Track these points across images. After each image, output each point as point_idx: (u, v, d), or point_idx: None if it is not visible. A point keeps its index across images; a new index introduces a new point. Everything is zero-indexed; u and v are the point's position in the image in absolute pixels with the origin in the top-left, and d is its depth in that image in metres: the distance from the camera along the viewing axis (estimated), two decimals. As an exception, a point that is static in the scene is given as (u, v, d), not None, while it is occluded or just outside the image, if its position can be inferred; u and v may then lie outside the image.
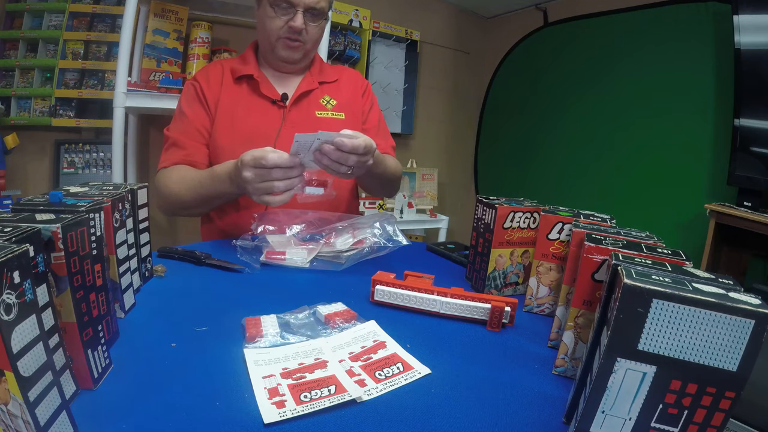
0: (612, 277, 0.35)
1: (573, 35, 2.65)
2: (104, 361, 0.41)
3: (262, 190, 0.73)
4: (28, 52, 1.78)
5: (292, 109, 1.01)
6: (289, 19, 0.93)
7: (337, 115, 1.05)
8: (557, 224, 0.59)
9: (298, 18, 0.92)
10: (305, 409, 0.38)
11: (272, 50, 0.99)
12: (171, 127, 1.00)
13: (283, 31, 0.94)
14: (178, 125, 0.99)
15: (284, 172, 0.72)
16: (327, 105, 1.05)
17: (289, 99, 1.00)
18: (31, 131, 1.76)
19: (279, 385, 0.41)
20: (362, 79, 1.15)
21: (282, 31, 0.94)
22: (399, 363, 0.47)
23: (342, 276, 0.73)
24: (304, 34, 0.96)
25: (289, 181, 0.73)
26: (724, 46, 1.90)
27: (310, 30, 0.97)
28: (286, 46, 0.97)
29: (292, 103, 1.01)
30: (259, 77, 1.00)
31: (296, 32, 0.94)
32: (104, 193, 0.51)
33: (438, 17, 2.94)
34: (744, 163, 1.78)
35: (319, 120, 1.02)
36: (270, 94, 1.00)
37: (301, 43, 0.97)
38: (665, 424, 0.30)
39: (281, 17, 0.93)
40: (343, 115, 1.06)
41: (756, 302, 0.27)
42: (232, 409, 0.38)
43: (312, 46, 1.01)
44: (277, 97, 1.00)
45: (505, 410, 0.41)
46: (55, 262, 0.35)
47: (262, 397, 0.39)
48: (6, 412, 0.28)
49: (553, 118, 2.78)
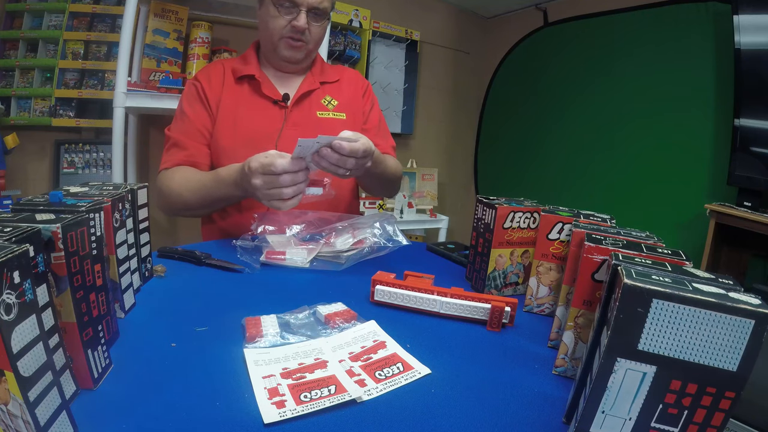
0: (612, 277, 0.35)
1: (573, 35, 2.65)
2: (104, 361, 0.41)
3: (272, 196, 0.73)
4: (28, 52, 1.78)
5: (293, 110, 1.00)
6: (292, 19, 0.93)
7: (338, 115, 1.05)
8: (557, 224, 0.59)
9: (302, 18, 0.92)
10: (305, 409, 0.38)
11: (274, 50, 0.98)
12: (172, 128, 0.99)
13: (286, 30, 0.94)
14: (179, 125, 0.99)
15: (292, 177, 0.71)
16: (328, 105, 1.05)
17: (290, 99, 1.00)
18: (31, 131, 1.76)
19: (279, 385, 0.41)
20: (363, 80, 1.15)
21: (285, 30, 0.94)
22: (399, 363, 0.47)
23: (342, 276, 0.73)
24: (306, 34, 0.95)
25: (297, 186, 0.73)
26: (724, 46, 1.90)
27: (313, 30, 0.96)
28: (288, 45, 0.96)
29: (294, 104, 1.00)
30: (260, 77, 0.99)
31: (299, 32, 0.94)
32: (104, 193, 0.51)
33: (438, 17, 2.94)
34: (744, 163, 1.78)
35: (321, 120, 1.02)
36: (271, 95, 0.99)
37: (304, 43, 0.97)
38: (665, 424, 0.30)
39: (284, 17, 0.93)
40: (344, 115, 1.05)
41: (756, 302, 0.27)
42: (232, 409, 0.38)
43: (314, 46, 1.00)
44: (278, 97, 0.99)
45: (505, 410, 0.41)
46: (55, 262, 0.35)
47: (262, 397, 0.39)
48: (6, 412, 0.28)
49: (553, 117, 2.78)
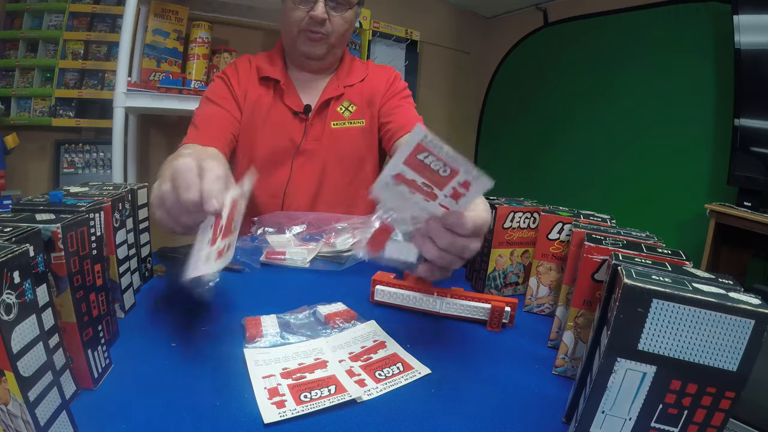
0: (612, 277, 0.35)
1: (573, 35, 2.65)
2: (104, 361, 0.41)
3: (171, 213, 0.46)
4: (28, 52, 1.78)
5: (314, 122, 0.97)
6: (310, 9, 0.88)
7: (355, 123, 0.99)
8: (557, 224, 0.59)
9: (319, 7, 0.87)
10: (305, 409, 0.38)
11: (294, 45, 0.94)
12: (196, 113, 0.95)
13: (305, 23, 0.90)
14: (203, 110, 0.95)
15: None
16: (344, 113, 0.99)
17: (311, 111, 0.96)
18: (31, 131, 1.76)
19: (279, 385, 0.41)
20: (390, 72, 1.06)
21: (303, 23, 0.90)
22: (399, 363, 0.47)
23: (342, 276, 0.73)
24: (327, 25, 0.90)
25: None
26: (724, 46, 1.90)
27: (335, 21, 0.91)
28: (307, 38, 0.92)
29: (315, 115, 0.97)
30: (285, 85, 0.96)
31: (318, 23, 0.89)
32: (104, 193, 0.51)
33: (438, 17, 2.94)
34: (744, 163, 1.78)
35: (334, 132, 0.98)
36: (293, 106, 0.96)
37: (324, 35, 0.92)
38: (665, 424, 0.30)
39: (301, 7, 0.88)
40: (364, 121, 1.00)
41: (756, 302, 0.27)
42: (231, 408, 0.38)
43: (337, 40, 0.95)
44: (299, 108, 0.96)
45: (505, 410, 0.40)
46: (55, 262, 0.35)
47: (262, 397, 0.39)
48: (6, 412, 0.28)
49: (553, 117, 2.78)
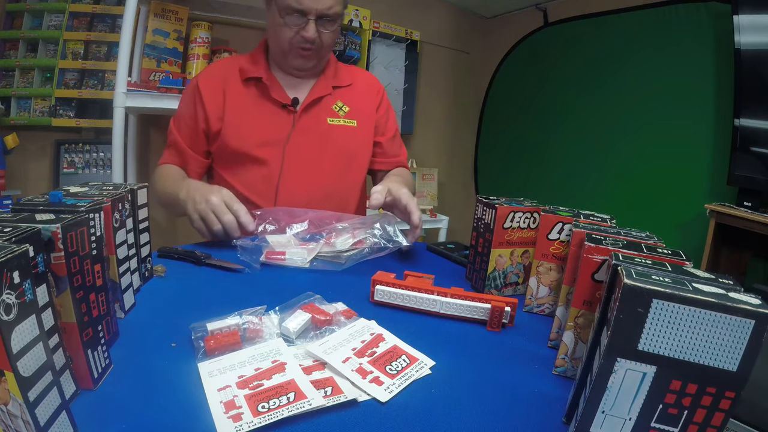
0: (612, 277, 0.35)
1: (573, 35, 2.65)
2: (104, 361, 0.41)
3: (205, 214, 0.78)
4: (28, 52, 1.78)
5: (302, 116, 0.98)
6: (301, 29, 0.89)
7: (349, 122, 1.02)
8: (557, 224, 0.59)
9: (311, 28, 0.89)
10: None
11: (284, 57, 0.96)
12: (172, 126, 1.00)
13: (296, 40, 0.91)
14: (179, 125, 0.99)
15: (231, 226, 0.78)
16: (339, 111, 1.02)
17: (300, 104, 0.97)
18: (31, 131, 1.76)
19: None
20: (377, 84, 1.11)
21: (294, 40, 0.91)
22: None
23: (342, 276, 0.73)
24: (317, 41, 0.92)
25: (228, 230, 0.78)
26: (724, 47, 1.90)
27: (324, 36, 0.93)
28: (299, 55, 0.93)
29: (303, 110, 0.98)
30: (268, 80, 0.96)
31: (309, 41, 0.91)
32: (104, 193, 0.51)
33: (438, 17, 2.94)
34: (744, 163, 1.78)
35: (331, 127, 0.99)
36: (280, 98, 0.96)
37: (315, 51, 0.94)
38: (665, 424, 0.30)
39: (292, 26, 0.89)
40: (356, 122, 1.03)
41: (756, 302, 0.27)
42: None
43: (326, 51, 0.97)
44: (287, 101, 0.96)
45: (505, 410, 0.40)
46: (55, 262, 0.35)
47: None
48: (6, 412, 0.28)
49: (554, 117, 2.78)
